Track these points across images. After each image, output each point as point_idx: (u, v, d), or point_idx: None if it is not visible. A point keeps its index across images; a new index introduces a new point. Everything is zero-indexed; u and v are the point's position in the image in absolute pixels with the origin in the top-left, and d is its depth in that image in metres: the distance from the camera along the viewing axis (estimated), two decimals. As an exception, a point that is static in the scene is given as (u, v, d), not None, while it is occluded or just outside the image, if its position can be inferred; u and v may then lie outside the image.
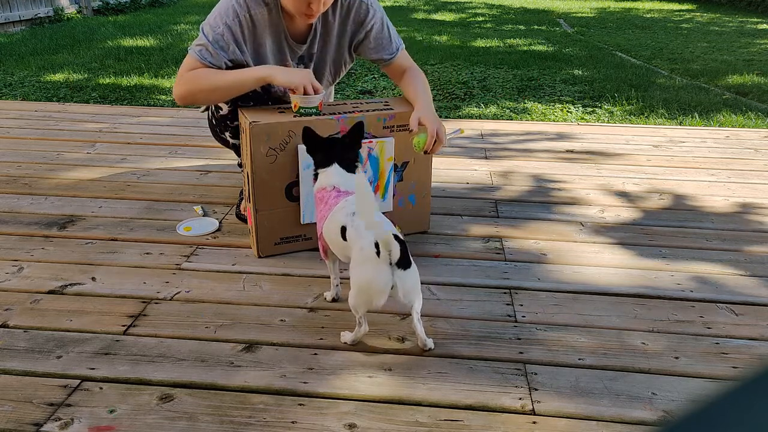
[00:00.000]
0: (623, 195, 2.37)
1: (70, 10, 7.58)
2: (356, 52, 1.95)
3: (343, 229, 1.40)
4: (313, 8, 1.69)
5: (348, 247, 1.39)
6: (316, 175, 1.61)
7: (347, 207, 1.44)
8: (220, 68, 1.76)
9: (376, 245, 1.28)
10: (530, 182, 2.49)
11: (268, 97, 1.93)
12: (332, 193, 1.52)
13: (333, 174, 1.55)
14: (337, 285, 1.61)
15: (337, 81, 2.08)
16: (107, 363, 1.35)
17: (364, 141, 1.79)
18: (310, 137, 1.58)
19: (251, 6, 1.75)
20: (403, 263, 1.29)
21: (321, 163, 1.58)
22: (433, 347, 1.41)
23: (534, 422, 1.21)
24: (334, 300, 1.60)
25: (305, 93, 1.70)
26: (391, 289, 1.30)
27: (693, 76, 4.97)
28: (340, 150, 1.58)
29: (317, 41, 1.88)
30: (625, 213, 2.21)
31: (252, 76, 1.73)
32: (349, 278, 1.39)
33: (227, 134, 1.99)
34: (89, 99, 3.86)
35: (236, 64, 1.79)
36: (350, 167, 1.58)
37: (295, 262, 1.81)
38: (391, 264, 1.28)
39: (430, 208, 2.03)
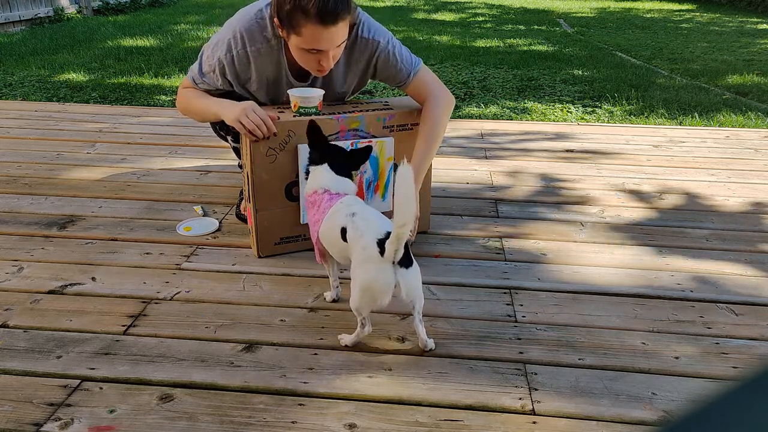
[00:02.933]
0: (623, 195, 2.37)
1: (70, 10, 7.58)
2: (373, 80, 1.93)
3: (343, 231, 1.39)
4: (323, 65, 1.66)
5: (348, 248, 1.39)
6: (306, 173, 1.61)
7: (344, 208, 1.43)
8: (209, 91, 1.84)
9: (379, 244, 1.28)
10: (530, 182, 2.49)
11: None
12: (324, 196, 1.51)
13: (323, 175, 1.54)
14: (336, 286, 1.60)
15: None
16: (107, 363, 1.35)
17: (363, 140, 1.79)
18: (314, 131, 1.57)
19: (248, 42, 1.72)
20: (405, 262, 1.30)
21: (315, 160, 1.58)
22: (434, 347, 1.41)
23: (534, 422, 1.21)
24: (334, 300, 1.60)
25: (254, 133, 1.66)
26: (394, 287, 1.30)
27: (693, 76, 4.97)
28: (336, 154, 1.57)
29: (319, 80, 1.85)
30: (625, 213, 2.21)
31: (212, 110, 1.78)
32: (348, 278, 1.39)
33: (229, 138, 2.00)
34: (89, 99, 3.86)
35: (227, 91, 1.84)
36: (341, 171, 1.56)
37: (295, 262, 1.81)
38: (393, 263, 1.28)
39: (430, 208, 2.03)
